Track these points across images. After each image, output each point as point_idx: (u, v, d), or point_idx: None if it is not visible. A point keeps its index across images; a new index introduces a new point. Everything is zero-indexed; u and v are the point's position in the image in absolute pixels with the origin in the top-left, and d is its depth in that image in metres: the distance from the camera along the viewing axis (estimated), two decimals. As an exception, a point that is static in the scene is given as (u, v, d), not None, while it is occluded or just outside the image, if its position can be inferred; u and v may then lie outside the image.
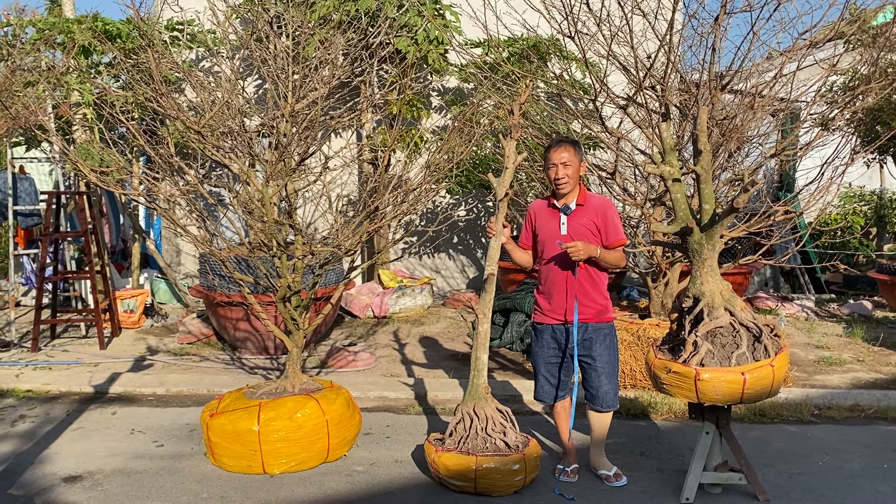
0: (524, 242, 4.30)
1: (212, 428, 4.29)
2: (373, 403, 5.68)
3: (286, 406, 4.30)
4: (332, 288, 7.15)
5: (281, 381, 4.61)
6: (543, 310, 4.23)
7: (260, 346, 7.04)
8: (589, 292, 4.15)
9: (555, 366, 4.25)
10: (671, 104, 6.16)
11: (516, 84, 7.86)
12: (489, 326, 4.12)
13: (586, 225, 4.12)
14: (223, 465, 4.31)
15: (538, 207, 4.26)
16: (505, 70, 8.01)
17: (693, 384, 3.65)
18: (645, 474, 4.27)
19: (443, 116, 10.39)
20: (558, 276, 4.14)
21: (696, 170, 3.68)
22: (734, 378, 3.60)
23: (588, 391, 4.21)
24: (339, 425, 4.42)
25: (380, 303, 8.65)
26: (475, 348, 4.12)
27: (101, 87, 7.79)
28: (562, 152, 4.06)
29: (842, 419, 5.21)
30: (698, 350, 3.69)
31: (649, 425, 5.14)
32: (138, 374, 6.39)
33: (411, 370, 6.58)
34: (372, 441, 4.82)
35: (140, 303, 8.40)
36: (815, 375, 6.25)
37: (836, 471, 4.30)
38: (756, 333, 3.74)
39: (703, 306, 3.76)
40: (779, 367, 3.67)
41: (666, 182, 3.80)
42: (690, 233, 3.73)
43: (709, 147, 3.66)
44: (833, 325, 8.14)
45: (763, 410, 5.25)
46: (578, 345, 4.13)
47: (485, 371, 4.11)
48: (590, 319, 4.15)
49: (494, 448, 3.94)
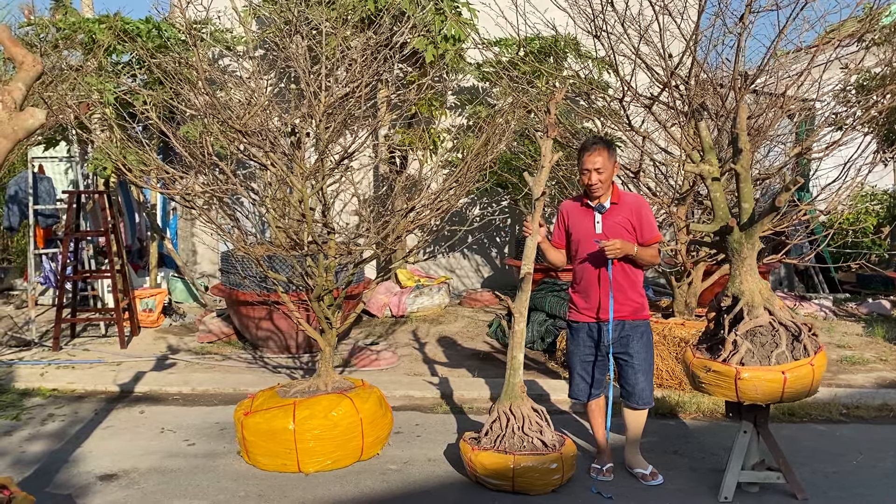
0: (557, 242, 4.30)
1: (246, 426, 4.30)
2: (399, 402, 5.68)
3: (321, 404, 4.31)
4: (355, 287, 7.15)
5: (313, 379, 4.62)
6: (579, 308, 4.24)
7: (282, 345, 7.04)
8: (626, 290, 4.16)
9: (590, 364, 4.25)
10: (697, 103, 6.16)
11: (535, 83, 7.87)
12: (525, 325, 4.12)
13: (621, 223, 4.13)
14: (258, 464, 4.31)
15: (571, 206, 4.27)
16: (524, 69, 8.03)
17: (733, 383, 3.65)
18: (679, 473, 4.27)
19: (458, 116, 10.39)
20: (593, 274, 4.15)
21: (736, 168, 3.67)
22: (774, 377, 3.59)
23: (624, 388, 4.24)
24: (373, 424, 4.43)
25: (397, 302, 8.65)
26: (511, 347, 4.12)
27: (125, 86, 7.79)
28: (595, 157, 4.05)
29: (871, 418, 5.21)
30: (738, 349, 3.69)
31: (678, 424, 5.13)
32: (162, 374, 6.40)
33: (434, 369, 6.58)
34: (403, 440, 4.82)
35: (159, 302, 8.41)
36: (840, 375, 6.24)
37: (869, 469, 4.30)
38: (795, 333, 3.73)
39: (742, 305, 3.76)
40: (818, 366, 3.67)
41: (705, 181, 3.80)
42: (730, 232, 3.73)
43: (748, 146, 3.66)
44: (852, 325, 8.13)
45: (792, 410, 5.24)
46: (615, 342, 4.15)
47: (521, 370, 4.11)
48: (627, 317, 4.17)
49: (532, 447, 3.94)
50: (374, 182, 10.05)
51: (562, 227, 4.27)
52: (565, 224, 4.26)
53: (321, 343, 4.65)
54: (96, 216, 8.44)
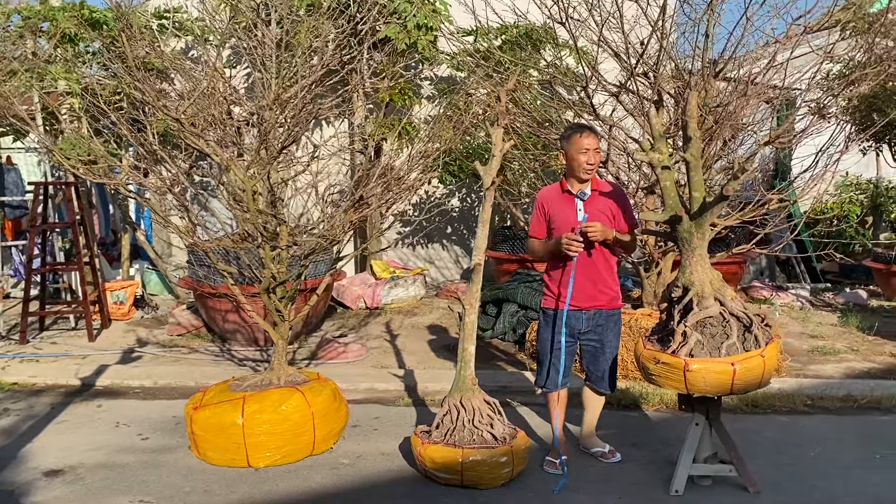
0: (538, 231, 4.23)
1: (195, 421, 4.23)
2: (362, 395, 5.62)
3: (271, 398, 4.24)
4: (323, 278, 7.07)
5: (266, 373, 4.55)
6: (555, 295, 4.18)
7: (250, 337, 6.97)
8: (605, 279, 4.15)
9: (564, 352, 4.20)
10: (664, 91, 6.09)
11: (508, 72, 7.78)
12: (476, 317, 4.06)
13: (602, 210, 4.10)
14: (207, 459, 4.25)
15: (549, 194, 4.20)
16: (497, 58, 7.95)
17: (682, 375, 3.59)
18: (636, 465, 4.22)
19: (435, 105, 10.29)
20: (577, 262, 4.08)
21: (685, 157, 3.60)
22: (724, 369, 3.54)
23: (593, 373, 4.26)
24: (326, 417, 4.36)
25: (372, 294, 8.58)
26: (462, 339, 4.06)
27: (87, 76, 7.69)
28: (592, 139, 4.03)
29: (835, 409, 5.17)
30: (687, 340, 3.63)
31: (640, 416, 5.08)
32: (126, 367, 6.33)
33: (402, 361, 6.52)
34: (359, 433, 4.76)
35: (130, 294, 8.33)
36: (810, 365, 6.20)
37: (828, 462, 4.26)
38: (746, 323, 3.68)
39: (692, 296, 3.70)
40: (769, 357, 3.61)
41: (655, 169, 3.73)
42: (680, 221, 3.66)
43: (699, 134, 3.59)
44: (828, 315, 8.08)
45: (755, 401, 5.19)
46: (590, 330, 4.16)
47: (472, 362, 4.05)
48: (604, 306, 4.16)
49: (482, 440, 3.88)
50: (352, 173, 9.96)
51: (542, 216, 4.20)
52: (545, 213, 4.19)
53: (274, 336, 4.58)
54: (71, 208, 8.35)
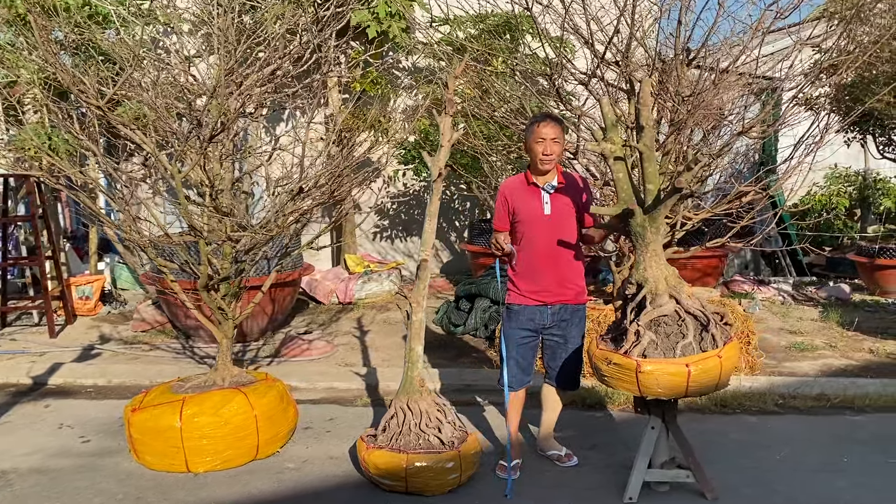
0: (501, 225, 4.05)
1: (133, 424, 4.05)
2: (321, 395, 5.44)
3: (211, 401, 4.06)
4: (289, 274, 6.90)
5: (211, 373, 4.37)
6: (522, 291, 4.00)
7: (212, 334, 6.77)
8: (570, 274, 3.99)
9: (526, 347, 4.06)
10: (635, 80, 5.90)
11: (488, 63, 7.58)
12: (423, 316, 3.87)
13: (568, 203, 3.95)
14: (146, 464, 4.07)
15: (513, 186, 4.01)
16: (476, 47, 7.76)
17: (634, 376, 3.41)
18: (592, 469, 4.05)
19: (413, 96, 10.08)
20: (541, 256, 3.93)
21: (638, 147, 3.41)
22: (678, 370, 3.36)
23: (553, 369, 4.10)
24: (271, 420, 4.18)
25: (345, 288, 8.39)
26: (409, 339, 3.87)
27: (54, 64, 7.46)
28: (552, 127, 3.85)
29: (806, 409, 4.99)
30: (640, 340, 3.44)
31: (605, 416, 4.91)
32: (82, 365, 6.14)
33: (368, 359, 6.34)
34: (310, 436, 4.58)
35: (96, 289, 8.14)
36: (785, 362, 6.03)
37: (793, 465, 4.09)
38: (703, 322, 3.49)
39: (645, 293, 3.52)
40: (727, 358, 3.43)
41: (607, 160, 3.54)
42: (632, 215, 3.48)
43: (652, 122, 3.40)
44: (809, 310, 7.91)
45: (724, 400, 5.02)
46: (554, 325, 4.00)
47: (419, 363, 3.87)
48: (569, 301, 4.00)
49: (428, 445, 3.70)
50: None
51: (505, 209, 4.01)
52: (509, 206, 4.00)
53: (217, 335, 4.40)
54: (33, 201, 8.14)
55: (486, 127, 7.94)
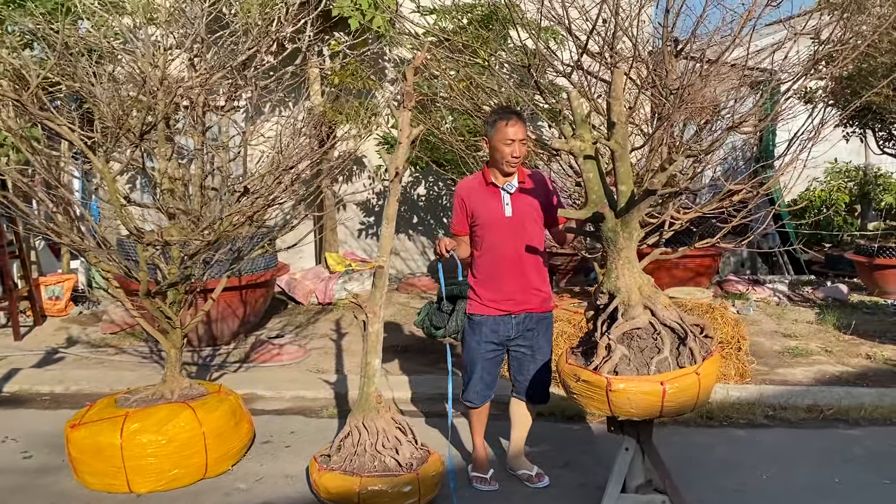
0: (459, 228, 3.78)
1: (72, 441, 3.78)
2: (286, 404, 5.17)
3: (155, 416, 3.79)
4: (261, 274, 6.62)
5: (159, 386, 4.09)
6: (483, 300, 3.74)
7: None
8: (534, 280, 3.73)
9: (492, 361, 3.79)
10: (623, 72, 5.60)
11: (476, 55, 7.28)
12: (380, 327, 3.60)
13: (530, 204, 3.69)
14: (86, 483, 3.80)
15: (470, 187, 3.74)
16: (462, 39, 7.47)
17: (605, 395, 3.12)
18: (562, 492, 3.78)
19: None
20: (503, 262, 3.67)
21: (609, 145, 3.12)
22: (651, 389, 3.07)
23: (521, 382, 3.83)
24: (221, 437, 3.91)
25: (324, 288, 8.11)
26: (366, 352, 3.60)
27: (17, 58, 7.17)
28: (519, 127, 3.58)
29: (797, 421, 4.71)
30: (612, 355, 3.16)
31: (583, 430, 4.63)
32: (41, 370, 5.88)
33: (342, 364, 6.07)
34: (268, 451, 4.31)
35: (67, 289, 7.87)
36: (778, 369, 5.74)
37: (779, 485, 3.81)
38: (681, 335, 3.21)
39: (617, 304, 3.23)
40: (706, 374, 3.14)
41: (577, 159, 3.24)
42: (603, 219, 3.19)
43: (624, 118, 3.10)
44: (805, 311, 7.61)
45: (711, 412, 4.75)
46: (520, 335, 3.75)
47: (376, 378, 3.59)
48: (534, 309, 3.74)
49: (383, 467, 3.43)
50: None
51: (463, 211, 3.74)
52: (467, 208, 3.72)
53: (165, 345, 4.12)
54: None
55: (472, 121, 7.66)
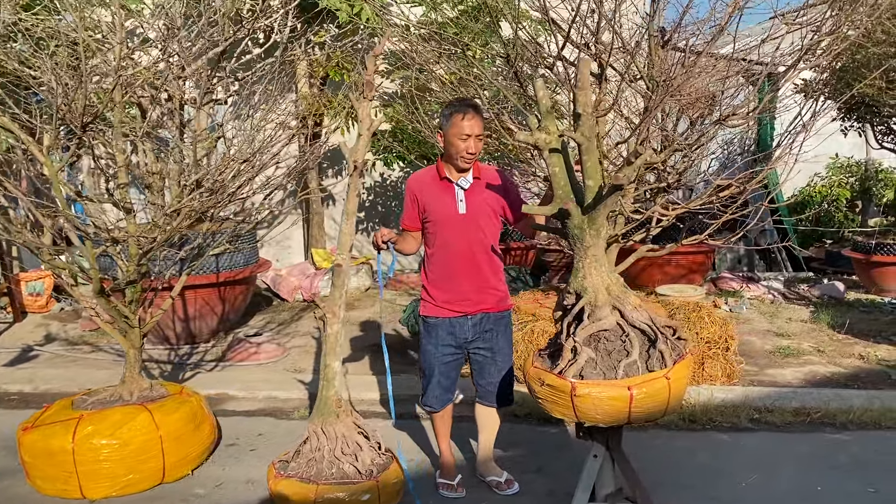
0: (409, 223, 3.62)
1: (24, 445, 3.66)
2: (258, 405, 5.04)
3: (110, 419, 3.66)
4: (240, 271, 6.48)
5: (118, 387, 3.96)
6: (437, 301, 3.59)
7: (160, 335, 6.38)
8: (490, 278, 3.58)
9: (450, 365, 3.65)
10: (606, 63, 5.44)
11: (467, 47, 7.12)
12: (340, 328, 3.45)
13: (486, 200, 3.54)
14: (38, 488, 3.69)
15: (422, 181, 3.58)
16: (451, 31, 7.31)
17: (570, 400, 2.98)
18: (532, 499, 3.64)
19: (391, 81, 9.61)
20: (457, 261, 3.52)
21: (575, 137, 2.96)
22: (618, 394, 2.92)
23: (483, 387, 3.68)
24: (179, 440, 3.78)
25: (310, 285, 7.98)
26: (325, 354, 3.46)
27: None
28: (476, 122, 3.42)
29: (783, 425, 4.54)
30: (577, 358, 3.01)
31: (559, 433, 4.47)
32: (13, 369, 5.77)
33: (320, 363, 5.91)
34: (232, 454, 4.18)
35: (48, 285, 7.75)
36: (768, 369, 5.58)
37: (759, 493, 3.66)
38: (652, 337, 3.06)
39: (584, 304, 3.08)
40: (676, 379, 2.99)
41: (542, 153, 3.09)
42: (569, 216, 3.03)
43: (591, 108, 2.94)
44: (800, 309, 7.44)
45: (693, 415, 4.59)
46: (478, 337, 3.61)
47: (336, 381, 3.45)
48: (491, 308, 3.60)
49: (342, 474, 3.29)
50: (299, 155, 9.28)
51: (414, 207, 3.59)
52: (419, 204, 3.57)
53: (124, 345, 3.99)
54: None
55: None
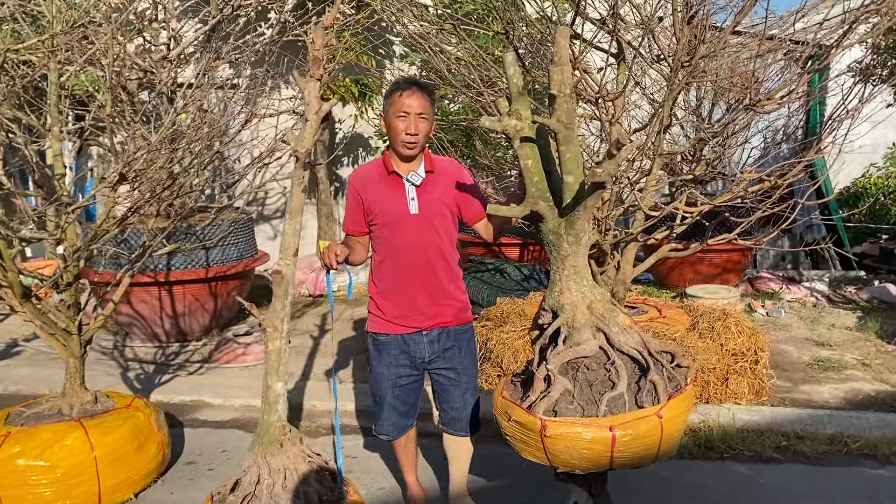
0: (353, 227, 3.14)
1: (-54, 464, 3.30)
2: (233, 415, 4.65)
3: (39, 438, 3.28)
4: (232, 265, 6.11)
5: (58, 398, 3.59)
6: (388, 316, 3.10)
7: (148, 332, 6.05)
8: (447, 288, 3.09)
9: (406, 389, 3.16)
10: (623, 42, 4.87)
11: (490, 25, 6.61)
12: (282, 344, 3.00)
13: (441, 198, 3.03)
14: (-39, 513, 3.33)
15: (367, 177, 3.09)
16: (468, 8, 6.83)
17: (540, 440, 2.48)
18: (510, 544, 3.14)
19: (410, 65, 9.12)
20: (410, 268, 3.03)
21: (549, 123, 2.44)
22: (597, 435, 2.40)
23: (448, 413, 3.21)
24: (118, 462, 3.39)
25: (315, 280, 7.58)
26: (266, 373, 3.01)
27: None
28: (416, 98, 2.92)
29: (814, 456, 3.95)
30: (550, 390, 2.51)
31: (555, 459, 3.96)
32: (-13, 368, 5.49)
33: (311, 367, 5.52)
34: (187, 474, 3.79)
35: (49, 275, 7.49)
36: (802, 385, 4.96)
37: (780, 545, 3.10)
38: (643, 365, 2.53)
39: (560, 325, 2.57)
40: (671, 417, 2.46)
41: (512, 142, 2.57)
42: (541, 219, 2.52)
43: (568, 89, 2.41)
44: (846, 315, 6.73)
45: (711, 441, 4.03)
46: (437, 357, 3.12)
47: (279, 405, 2.99)
48: (450, 322, 3.11)
49: (283, 512, 2.85)
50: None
51: (359, 207, 3.10)
52: (363, 204, 3.08)
53: (63, 354, 3.61)
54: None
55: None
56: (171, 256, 5.77)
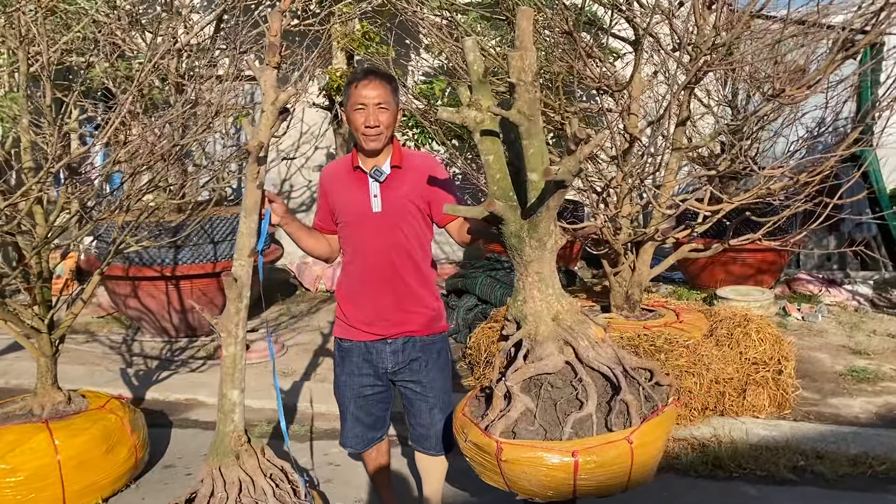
0: (321, 223, 2.95)
1: (-88, 464, 3.24)
2: (224, 415, 4.51)
3: (2, 440, 3.19)
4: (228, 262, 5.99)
5: (29, 398, 3.51)
6: (351, 320, 2.90)
7: (156, 326, 5.99)
8: (416, 292, 2.86)
9: (370, 400, 2.96)
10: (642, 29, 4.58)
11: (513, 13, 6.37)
12: (237, 350, 2.82)
13: (408, 195, 2.79)
14: (-75, 515, 3.27)
15: (334, 173, 2.90)
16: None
17: (496, 464, 2.25)
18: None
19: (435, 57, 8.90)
20: (373, 270, 2.82)
21: (508, 115, 2.19)
22: (557, 463, 2.16)
23: (416, 430, 2.98)
24: (84, 466, 3.28)
25: (332, 274, 7.44)
26: (221, 381, 2.84)
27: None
28: (374, 87, 2.69)
29: (833, 478, 3.61)
30: (510, 409, 2.28)
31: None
32: (-7, 361, 5.50)
33: (316, 366, 5.38)
34: (162, 479, 3.67)
35: (68, 267, 7.53)
36: (831, 398, 4.60)
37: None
38: (615, 384, 2.28)
39: (522, 337, 2.33)
40: (644, 443, 2.20)
41: (473, 135, 2.34)
42: (500, 220, 2.28)
43: (530, 77, 2.17)
44: (889, 320, 6.28)
45: (719, 459, 3.73)
46: (403, 368, 2.89)
47: (235, 414, 2.82)
48: (419, 332, 2.88)
49: (235, 528, 2.68)
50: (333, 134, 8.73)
51: (326, 203, 2.92)
52: (329, 200, 2.90)
53: (33, 353, 3.52)
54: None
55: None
56: (178, 250, 5.69)
